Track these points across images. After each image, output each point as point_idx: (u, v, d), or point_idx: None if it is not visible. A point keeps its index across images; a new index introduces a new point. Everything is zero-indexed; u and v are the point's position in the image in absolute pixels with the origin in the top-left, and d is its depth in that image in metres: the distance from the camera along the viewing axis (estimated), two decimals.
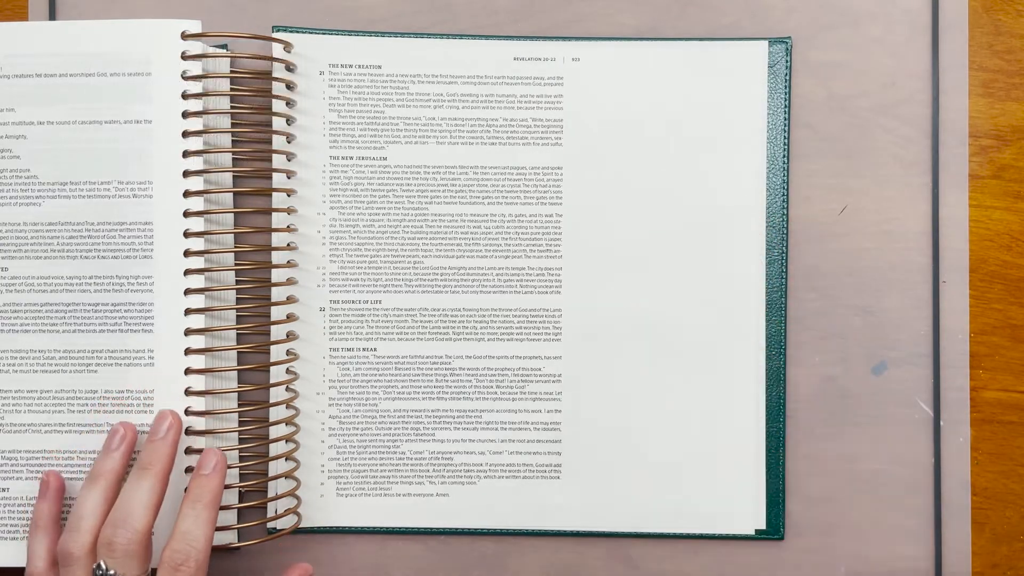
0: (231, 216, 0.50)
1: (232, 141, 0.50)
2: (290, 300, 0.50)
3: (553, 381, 0.52)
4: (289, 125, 0.51)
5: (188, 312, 0.48)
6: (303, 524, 0.51)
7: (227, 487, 0.48)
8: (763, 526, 0.51)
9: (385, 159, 0.52)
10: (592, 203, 0.52)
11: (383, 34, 0.52)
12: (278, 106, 0.50)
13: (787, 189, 0.52)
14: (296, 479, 0.50)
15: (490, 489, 0.52)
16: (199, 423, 0.48)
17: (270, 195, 0.51)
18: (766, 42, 0.52)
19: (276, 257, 0.51)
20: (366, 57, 0.51)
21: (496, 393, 0.52)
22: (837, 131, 0.52)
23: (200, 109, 0.48)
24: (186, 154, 0.48)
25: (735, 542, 0.52)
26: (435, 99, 0.52)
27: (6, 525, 0.48)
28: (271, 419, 0.50)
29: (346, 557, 0.51)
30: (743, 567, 0.52)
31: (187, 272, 0.48)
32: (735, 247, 0.51)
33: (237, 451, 0.49)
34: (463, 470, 0.51)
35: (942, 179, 0.52)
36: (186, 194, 0.48)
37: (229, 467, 0.48)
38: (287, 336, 0.51)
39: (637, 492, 0.51)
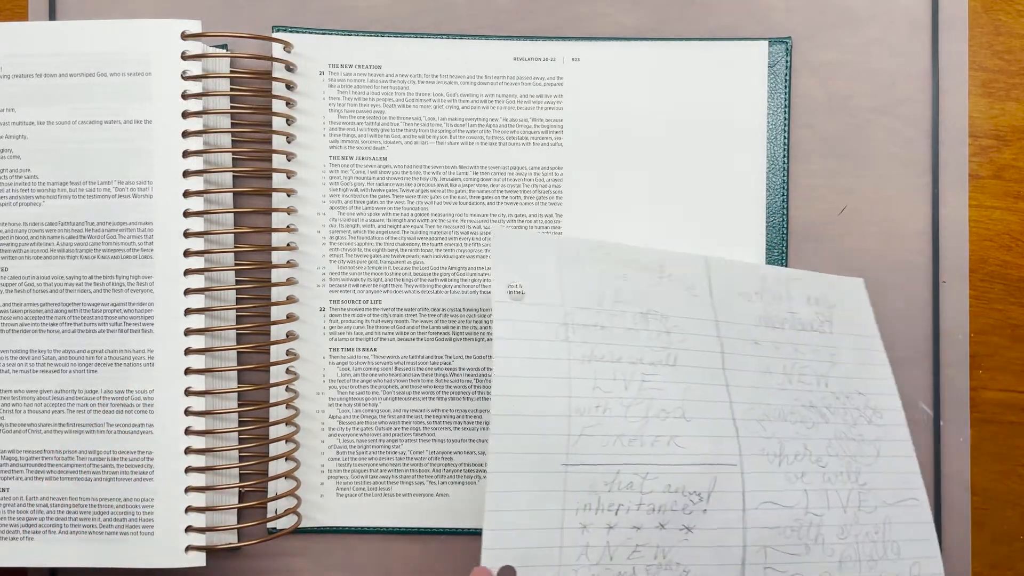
0: (231, 216, 0.50)
1: (232, 141, 0.50)
2: (290, 300, 0.50)
3: None
4: (289, 125, 0.51)
5: (188, 312, 0.48)
6: (303, 524, 0.51)
7: (227, 487, 0.48)
8: None
9: (385, 159, 0.52)
10: (592, 203, 0.52)
11: (383, 34, 0.52)
12: (278, 106, 0.50)
13: (787, 189, 0.52)
14: (296, 479, 0.50)
15: None
16: (199, 423, 0.48)
17: (270, 195, 0.51)
18: (766, 42, 0.52)
19: (276, 257, 0.51)
20: (366, 57, 0.51)
21: None
22: (837, 131, 0.52)
23: (200, 109, 0.48)
24: (186, 154, 0.48)
25: None
26: (435, 99, 0.52)
27: (6, 525, 0.48)
28: (271, 419, 0.50)
29: (346, 557, 0.51)
30: None
31: (187, 272, 0.48)
32: (735, 247, 0.51)
33: (237, 451, 0.49)
34: (463, 470, 0.51)
35: (942, 179, 0.52)
36: (186, 194, 0.48)
37: (229, 467, 0.48)
38: (287, 336, 0.51)
39: None
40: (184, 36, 0.48)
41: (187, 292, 0.48)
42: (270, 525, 0.50)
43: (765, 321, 0.48)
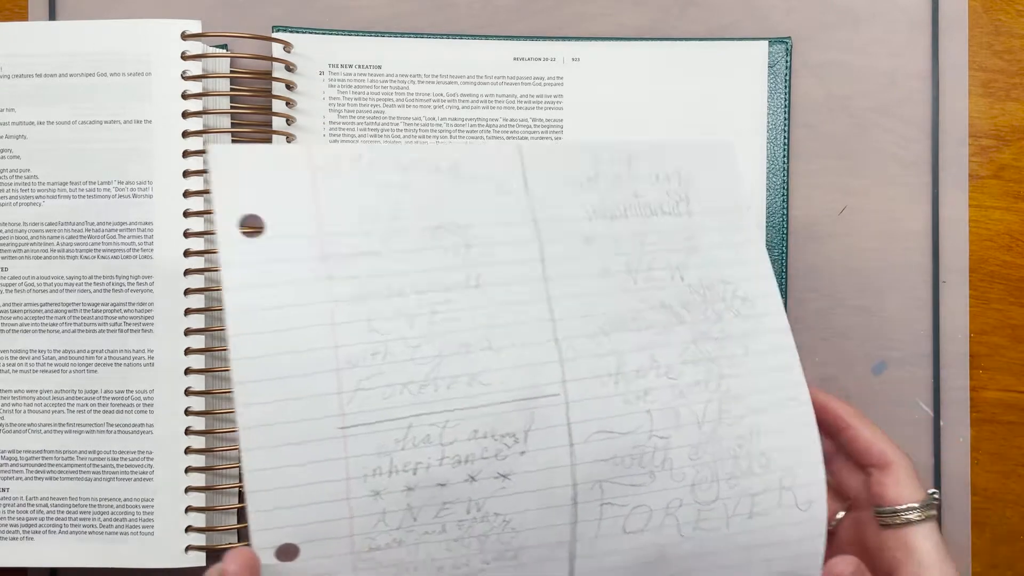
0: None
1: (232, 141, 0.50)
2: None
3: None
4: (289, 125, 0.51)
5: (188, 312, 0.48)
6: None
7: (227, 487, 0.48)
8: None
9: None
10: None
11: (383, 34, 0.52)
12: (278, 106, 0.50)
13: (787, 189, 0.52)
14: None
15: None
16: (199, 423, 0.48)
17: None
18: (766, 42, 0.52)
19: None
20: (366, 57, 0.51)
21: None
22: (837, 131, 0.52)
23: (200, 109, 0.48)
24: (186, 154, 0.48)
25: None
26: (435, 99, 0.52)
27: (6, 525, 0.48)
28: None
29: None
30: None
31: (187, 272, 0.48)
32: None
33: (237, 451, 0.49)
34: None
35: (942, 179, 0.52)
36: (186, 194, 0.48)
37: (229, 467, 0.48)
38: None
39: None
40: (184, 36, 0.48)
41: (187, 292, 0.48)
42: None
43: (600, 212, 0.40)
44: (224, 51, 0.50)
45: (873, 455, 0.40)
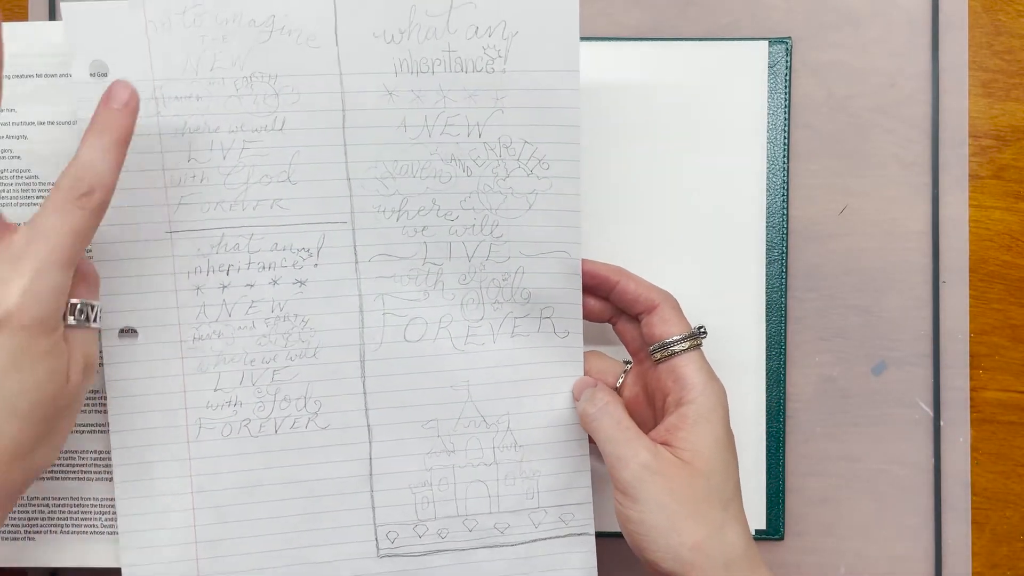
0: None
1: None
2: None
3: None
4: None
5: None
6: None
7: None
8: (763, 526, 0.51)
9: None
10: (591, 203, 0.52)
11: None
12: None
13: (787, 189, 0.52)
14: None
15: None
16: None
17: None
18: (766, 42, 0.52)
19: None
20: None
21: None
22: (837, 131, 0.52)
23: None
24: None
25: None
26: None
27: (6, 525, 0.48)
28: None
29: None
30: None
31: None
32: (735, 247, 0.51)
33: None
34: None
35: (942, 179, 0.52)
36: None
37: None
38: None
39: None
40: None
41: None
42: None
43: (407, 66, 0.43)
44: None
45: (641, 302, 0.45)
